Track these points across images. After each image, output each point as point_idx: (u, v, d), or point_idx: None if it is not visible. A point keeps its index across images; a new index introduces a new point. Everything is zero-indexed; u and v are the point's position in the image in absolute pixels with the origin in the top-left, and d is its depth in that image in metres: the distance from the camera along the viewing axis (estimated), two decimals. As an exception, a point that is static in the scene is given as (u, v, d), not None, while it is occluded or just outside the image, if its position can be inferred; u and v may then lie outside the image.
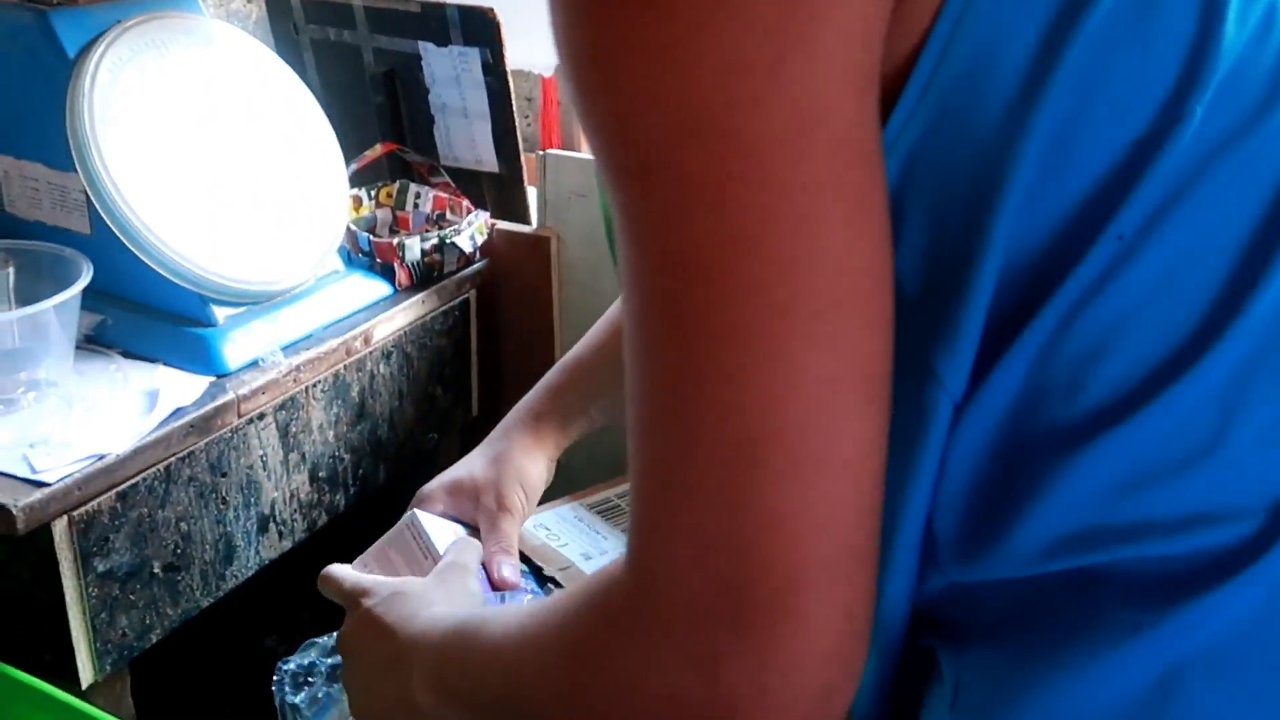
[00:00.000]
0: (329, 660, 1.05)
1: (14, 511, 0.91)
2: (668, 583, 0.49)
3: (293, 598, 1.40)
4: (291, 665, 0.92)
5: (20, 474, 0.95)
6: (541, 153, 1.44)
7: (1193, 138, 0.51)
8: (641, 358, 0.50)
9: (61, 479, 0.95)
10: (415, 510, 0.97)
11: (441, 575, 0.84)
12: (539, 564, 1.15)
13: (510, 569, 0.94)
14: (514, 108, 1.44)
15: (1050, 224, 0.53)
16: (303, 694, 0.93)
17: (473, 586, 0.84)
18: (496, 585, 0.93)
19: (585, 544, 1.19)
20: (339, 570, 0.86)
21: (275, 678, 0.93)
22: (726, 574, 0.48)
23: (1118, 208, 0.51)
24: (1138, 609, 0.53)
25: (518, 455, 0.99)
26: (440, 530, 0.97)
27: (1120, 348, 0.53)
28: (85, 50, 1.11)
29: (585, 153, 1.57)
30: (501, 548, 0.95)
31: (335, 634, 0.92)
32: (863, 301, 0.47)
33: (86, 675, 1.00)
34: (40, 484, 0.94)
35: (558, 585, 1.16)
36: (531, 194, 1.49)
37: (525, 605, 0.64)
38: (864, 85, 0.47)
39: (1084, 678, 0.53)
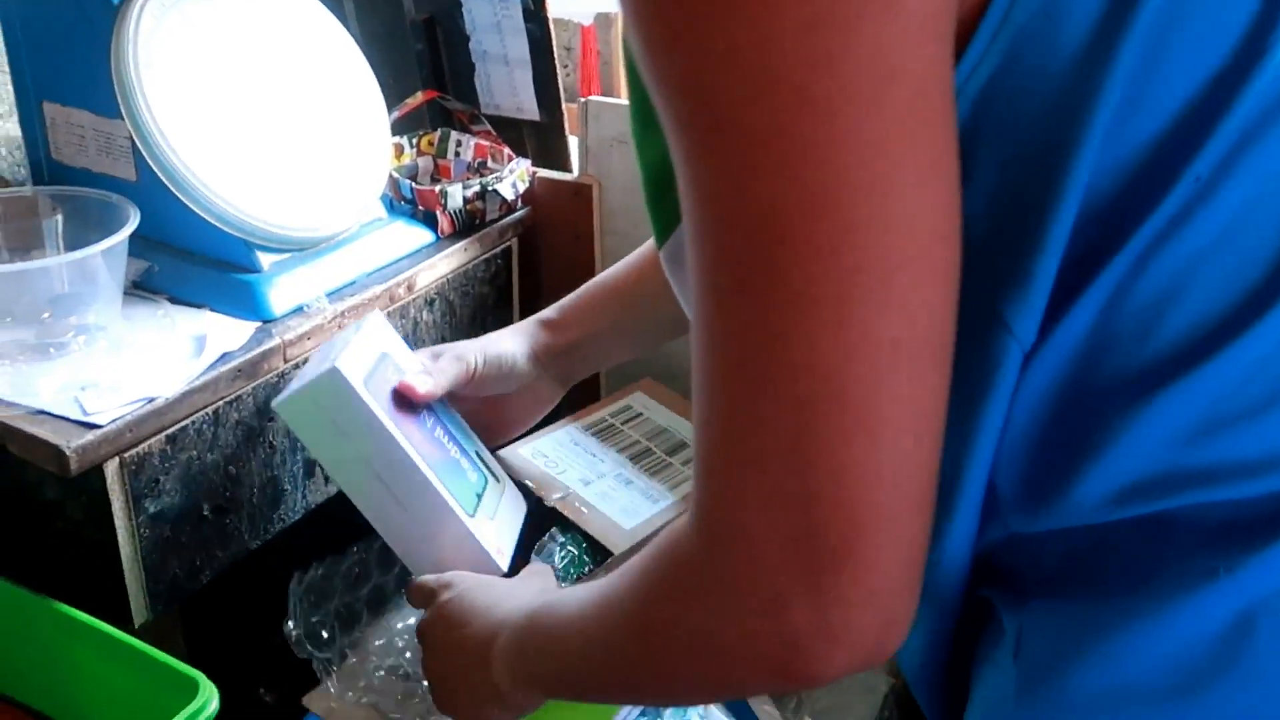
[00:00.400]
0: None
1: (67, 453, 0.92)
2: (737, 536, 0.51)
3: (338, 539, 1.42)
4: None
5: (72, 416, 0.96)
6: (583, 99, 1.43)
7: (1274, 74, 0.50)
8: (708, 316, 0.50)
9: (112, 421, 0.96)
10: (377, 311, 1.01)
11: (525, 577, 0.88)
12: (539, 494, 1.17)
13: (422, 383, 0.97)
14: (555, 54, 1.43)
15: (1126, 167, 0.52)
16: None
17: (551, 585, 0.88)
18: (399, 389, 0.96)
19: (583, 469, 1.21)
20: (424, 577, 0.90)
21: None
22: (794, 523, 0.49)
23: (1196, 148, 0.50)
24: (1212, 554, 0.53)
25: (495, 334, 1.04)
26: (379, 334, 1.00)
27: (1193, 292, 0.52)
28: (129, -5, 1.11)
29: (627, 100, 1.56)
30: (426, 369, 0.99)
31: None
32: (931, 263, 0.47)
33: (139, 615, 1.02)
34: (92, 426, 0.95)
35: (560, 515, 1.17)
36: (572, 143, 1.48)
37: (596, 583, 0.66)
38: (941, 35, 0.46)
39: (1155, 625, 0.53)
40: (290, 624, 1.12)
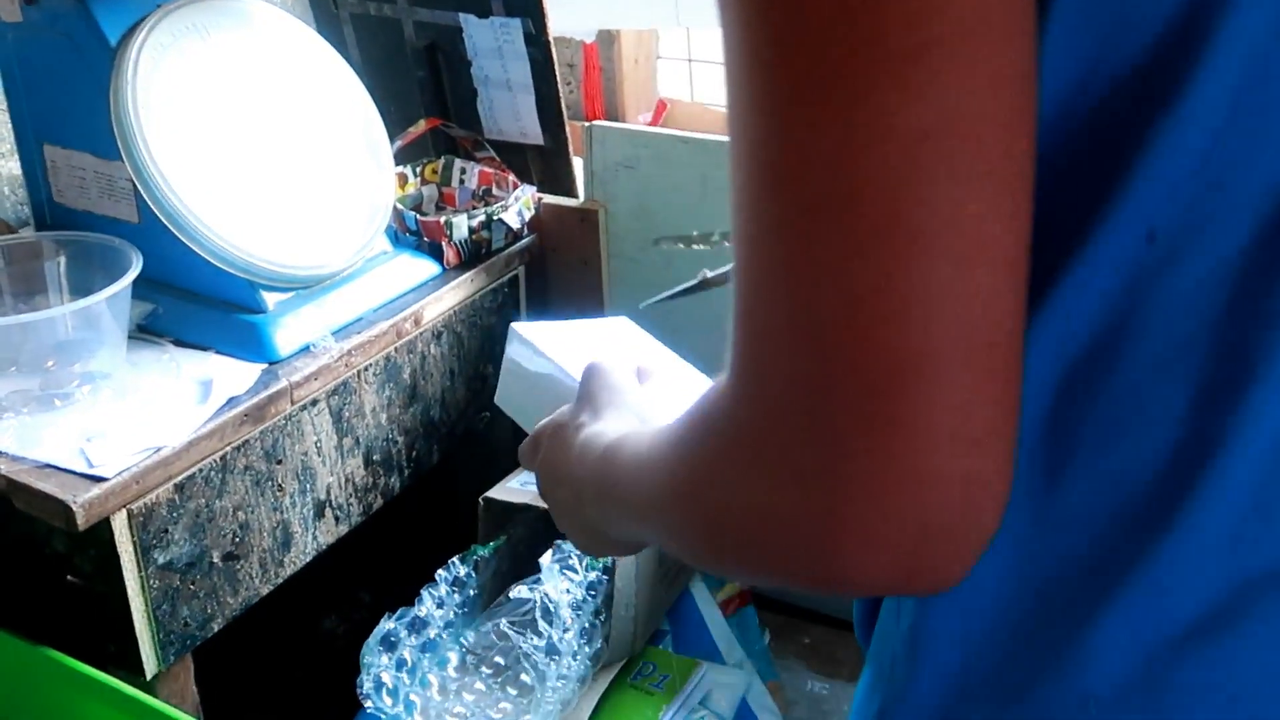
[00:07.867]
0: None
1: (74, 508, 0.91)
2: (754, 383, 0.41)
3: (351, 579, 1.41)
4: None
5: (78, 469, 0.95)
6: (587, 124, 1.42)
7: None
8: (733, 116, 0.41)
9: (119, 473, 0.95)
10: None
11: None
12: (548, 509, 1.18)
13: None
14: (558, 78, 1.41)
15: None
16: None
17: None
18: None
19: None
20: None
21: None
22: (806, 370, 0.39)
23: None
24: None
25: None
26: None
27: None
28: (127, 36, 1.10)
29: (631, 124, 1.54)
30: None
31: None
32: (976, 43, 0.37)
33: (150, 665, 1.01)
34: (98, 479, 0.94)
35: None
36: (577, 165, 1.47)
37: (654, 428, 0.58)
38: None
39: None
40: (364, 681, 1.11)
